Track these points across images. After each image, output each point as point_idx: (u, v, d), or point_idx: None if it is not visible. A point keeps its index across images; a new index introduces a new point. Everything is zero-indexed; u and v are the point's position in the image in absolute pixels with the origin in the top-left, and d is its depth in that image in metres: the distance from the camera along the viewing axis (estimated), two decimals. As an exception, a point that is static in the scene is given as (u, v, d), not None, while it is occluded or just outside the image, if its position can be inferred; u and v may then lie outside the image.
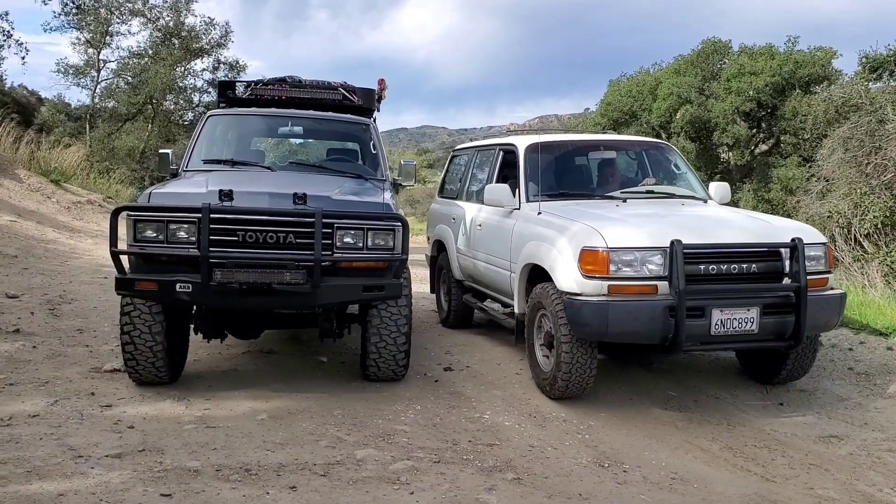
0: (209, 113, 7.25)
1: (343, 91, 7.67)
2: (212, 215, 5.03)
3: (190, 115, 30.01)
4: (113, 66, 27.76)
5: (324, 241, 5.18)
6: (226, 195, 5.14)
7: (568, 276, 5.35)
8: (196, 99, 29.88)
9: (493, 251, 6.87)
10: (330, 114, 7.48)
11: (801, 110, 22.44)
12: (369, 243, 5.35)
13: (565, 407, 5.61)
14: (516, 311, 6.30)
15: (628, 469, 4.58)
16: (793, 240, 5.30)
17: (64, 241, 12.58)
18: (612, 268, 5.12)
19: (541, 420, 5.36)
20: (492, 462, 4.54)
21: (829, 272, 5.59)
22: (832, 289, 5.63)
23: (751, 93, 26.35)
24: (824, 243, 5.64)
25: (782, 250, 5.36)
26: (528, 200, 6.40)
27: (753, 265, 5.31)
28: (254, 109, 7.42)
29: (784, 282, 5.34)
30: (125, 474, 4.03)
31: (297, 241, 5.21)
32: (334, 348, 6.89)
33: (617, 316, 5.07)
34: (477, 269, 7.34)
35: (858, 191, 12.66)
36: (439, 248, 8.50)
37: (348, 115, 7.53)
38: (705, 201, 6.66)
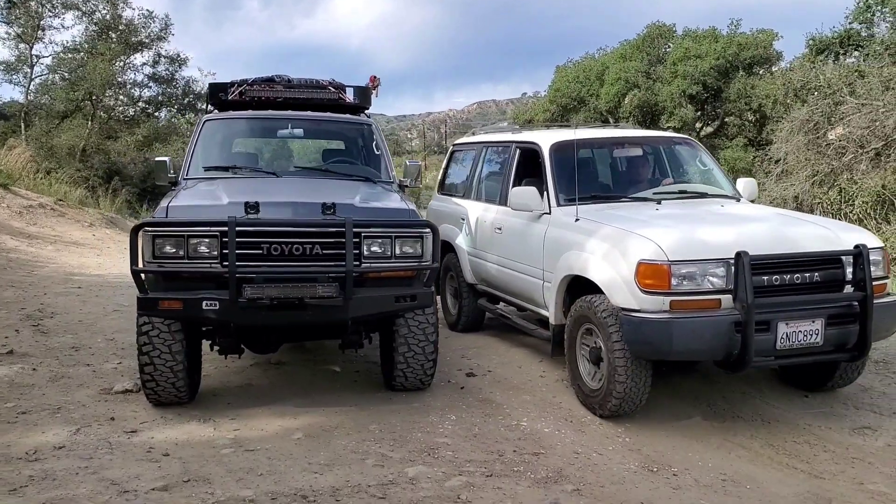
0: (205, 118, 6.92)
1: (333, 89, 7.40)
2: (238, 228, 4.81)
3: (131, 111, 29.11)
4: (47, 61, 26.70)
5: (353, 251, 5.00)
6: (252, 207, 4.92)
7: (623, 291, 5.01)
8: (137, 94, 29.01)
9: (517, 257, 6.51)
10: (329, 114, 7.22)
11: (754, 93, 22.78)
12: (397, 251, 5.21)
13: (599, 410, 5.54)
14: (552, 321, 5.94)
15: (678, 473, 4.55)
16: (856, 246, 5.07)
17: (24, 248, 12.04)
18: (674, 282, 4.79)
19: (578, 425, 5.29)
20: (543, 473, 4.46)
21: (887, 277, 5.36)
22: (889, 294, 5.38)
23: (696, 76, 26.66)
24: (882, 247, 5.40)
25: (843, 257, 5.12)
26: (558, 205, 6.08)
27: (816, 274, 5.05)
28: (251, 112, 7.09)
29: (846, 290, 5.11)
30: (180, 509, 3.84)
31: (325, 251, 5.03)
32: (345, 356, 6.67)
33: (682, 334, 4.78)
34: (494, 274, 7.01)
35: (844, 177, 12.87)
36: (445, 248, 7.99)
37: (348, 115, 7.29)
38: (738, 200, 6.39)
